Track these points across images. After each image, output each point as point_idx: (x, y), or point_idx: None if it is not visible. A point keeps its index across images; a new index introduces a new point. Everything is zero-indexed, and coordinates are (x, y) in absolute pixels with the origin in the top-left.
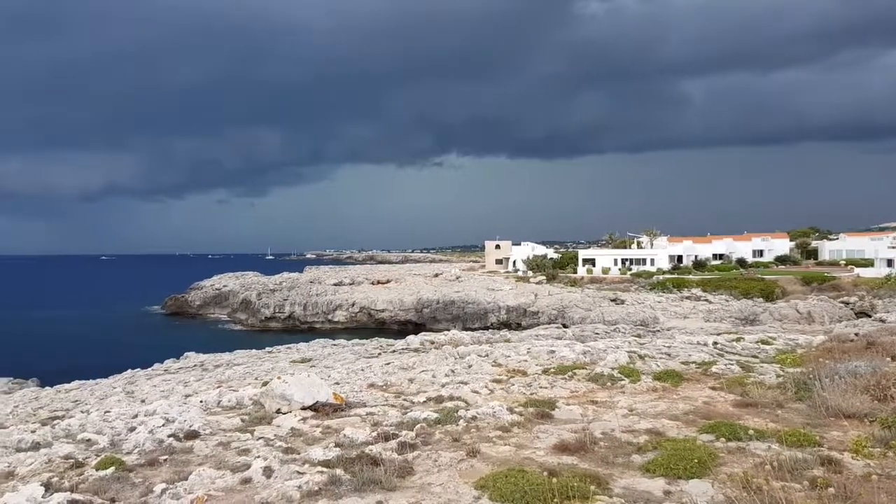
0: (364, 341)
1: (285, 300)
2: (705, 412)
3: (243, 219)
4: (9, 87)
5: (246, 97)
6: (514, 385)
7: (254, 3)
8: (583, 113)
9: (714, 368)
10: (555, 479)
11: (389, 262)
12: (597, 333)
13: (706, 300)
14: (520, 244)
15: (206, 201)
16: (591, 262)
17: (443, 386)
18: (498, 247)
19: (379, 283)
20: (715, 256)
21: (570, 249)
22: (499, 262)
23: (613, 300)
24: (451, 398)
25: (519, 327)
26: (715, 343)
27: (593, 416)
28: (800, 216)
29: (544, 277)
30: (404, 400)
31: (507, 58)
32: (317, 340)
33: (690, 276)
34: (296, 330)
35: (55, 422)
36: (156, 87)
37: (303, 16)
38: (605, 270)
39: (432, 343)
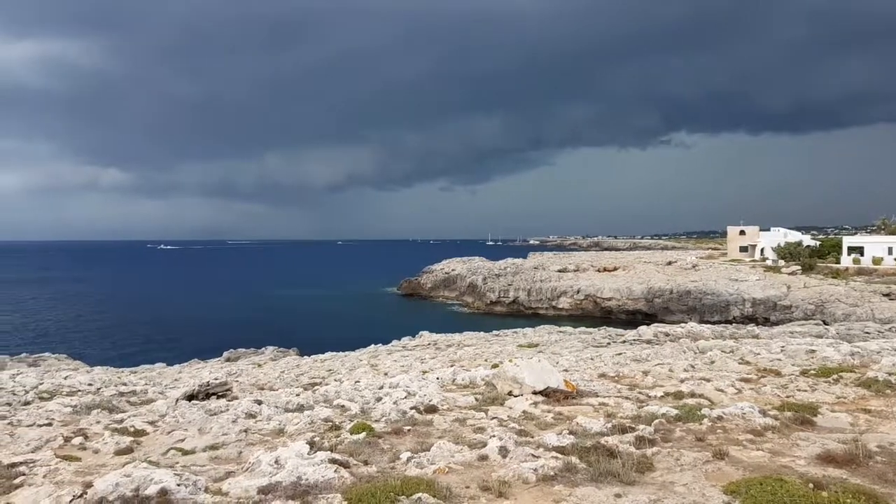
0: (591, 330)
1: (510, 285)
2: None
3: (465, 205)
4: (269, 93)
5: (467, 88)
6: (765, 385)
7: None
8: (842, 79)
9: None
10: (824, 493)
11: (616, 249)
12: (867, 333)
13: None
14: (769, 230)
15: (430, 189)
16: (859, 250)
17: (682, 381)
18: (742, 233)
19: (605, 270)
20: None
21: (831, 236)
22: (743, 249)
23: (887, 295)
24: (692, 395)
25: (767, 322)
26: None
27: (866, 427)
28: None
29: (799, 267)
30: (639, 393)
31: (743, 23)
32: (542, 326)
33: None
34: (520, 314)
35: (315, 388)
36: (386, 84)
37: (515, 2)
38: (877, 261)
39: (667, 335)
